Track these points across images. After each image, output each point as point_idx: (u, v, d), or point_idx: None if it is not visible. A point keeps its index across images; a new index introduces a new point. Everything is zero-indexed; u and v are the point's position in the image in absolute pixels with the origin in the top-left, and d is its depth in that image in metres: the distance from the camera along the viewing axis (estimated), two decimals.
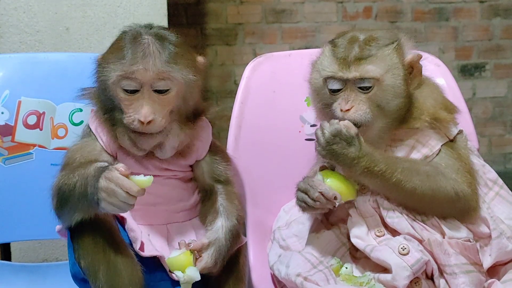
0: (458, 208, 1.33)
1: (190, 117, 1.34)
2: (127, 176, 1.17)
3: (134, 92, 1.26)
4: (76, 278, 1.30)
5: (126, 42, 1.28)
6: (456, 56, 3.66)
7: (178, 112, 1.30)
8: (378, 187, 1.32)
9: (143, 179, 1.18)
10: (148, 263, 1.28)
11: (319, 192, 1.28)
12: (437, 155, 1.36)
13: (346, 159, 1.27)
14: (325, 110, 1.38)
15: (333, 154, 1.27)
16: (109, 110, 1.31)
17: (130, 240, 1.28)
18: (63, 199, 1.25)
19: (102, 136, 1.33)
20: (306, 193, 1.31)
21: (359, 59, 1.30)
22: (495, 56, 3.70)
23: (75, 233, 1.27)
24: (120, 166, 1.18)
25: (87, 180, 1.20)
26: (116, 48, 1.29)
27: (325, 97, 1.38)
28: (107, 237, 1.25)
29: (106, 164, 1.23)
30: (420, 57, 1.36)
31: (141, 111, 1.24)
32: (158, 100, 1.26)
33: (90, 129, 1.36)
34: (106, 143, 1.33)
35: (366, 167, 1.28)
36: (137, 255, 1.27)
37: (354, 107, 1.31)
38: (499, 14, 3.68)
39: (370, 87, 1.30)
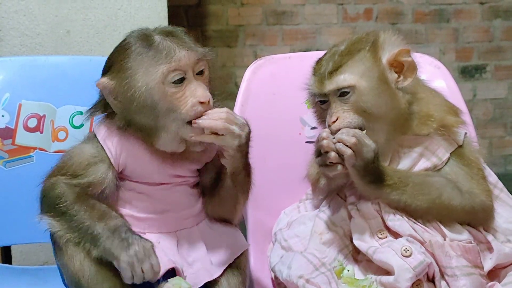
0: (479, 218, 1.35)
1: None
2: None
3: (181, 81, 1.25)
4: (67, 287, 1.31)
5: (142, 44, 1.26)
6: (457, 58, 3.66)
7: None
8: (393, 201, 1.33)
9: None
10: None
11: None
12: (446, 163, 1.37)
13: (375, 174, 1.30)
14: (320, 121, 1.43)
15: (367, 171, 1.29)
16: (150, 122, 1.27)
17: None
18: (59, 214, 1.26)
19: (111, 149, 1.30)
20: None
21: (331, 73, 1.34)
22: (496, 57, 3.70)
23: (56, 246, 1.29)
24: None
25: (108, 232, 1.23)
26: (137, 54, 1.26)
27: (320, 113, 1.42)
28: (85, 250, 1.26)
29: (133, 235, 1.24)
30: (404, 51, 1.35)
31: (198, 93, 1.25)
32: (201, 81, 1.28)
33: (99, 142, 1.32)
34: (115, 157, 1.30)
35: (386, 180, 1.30)
36: None
37: (339, 118, 1.33)
38: (499, 16, 3.69)
39: (348, 92, 1.33)
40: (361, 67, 1.33)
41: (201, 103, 1.25)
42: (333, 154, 1.28)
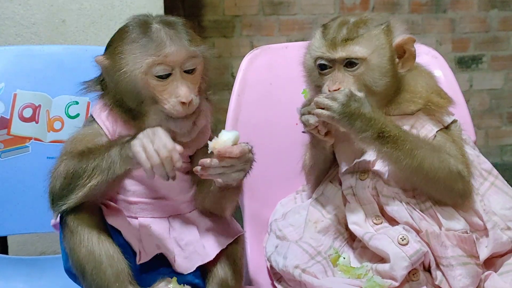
0: (458, 190, 1.33)
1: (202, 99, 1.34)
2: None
3: (166, 76, 1.26)
4: (69, 272, 1.31)
5: (140, 32, 1.27)
6: (453, 48, 3.65)
7: (199, 92, 1.32)
8: (389, 156, 1.30)
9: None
10: (151, 261, 1.30)
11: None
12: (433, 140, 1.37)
13: (363, 120, 1.27)
14: (317, 92, 1.40)
15: (350, 116, 1.27)
16: (132, 107, 1.28)
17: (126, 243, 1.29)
18: (77, 174, 1.23)
19: (107, 124, 1.32)
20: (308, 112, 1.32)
21: (346, 40, 1.34)
22: (492, 48, 3.70)
23: (65, 230, 1.28)
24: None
25: (114, 146, 1.21)
26: (132, 40, 1.27)
27: (316, 78, 1.41)
28: (93, 236, 1.26)
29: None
30: (412, 40, 1.38)
31: (180, 93, 1.25)
32: (189, 80, 1.28)
33: (95, 120, 1.33)
34: (111, 131, 1.32)
35: (380, 130, 1.28)
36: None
37: (341, 88, 1.33)
38: (496, 6, 3.68)
39: (356, 64, 1.34)
40: (376, 43, 1.35)
41: (183, 103, 1.25)
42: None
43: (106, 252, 1.25)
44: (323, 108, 1.28)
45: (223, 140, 1.22)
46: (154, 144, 1.16)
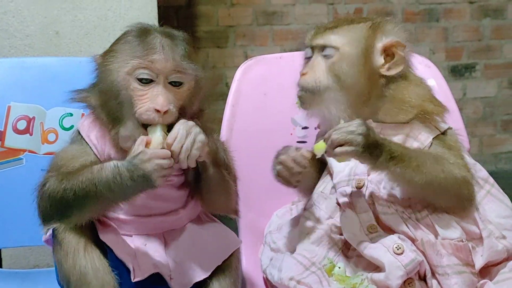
0: (465, 195, 1.33)
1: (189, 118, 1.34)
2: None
3: (148, 82, 1.26)
4: (61, 283, 1.31)
5: (136, 35, 1.29)
6: (447, 57, 3.67)
7: (184, 111, 1.30)
8: (401, 176, 1.29)
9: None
10: (146, 280, 1.29)
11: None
12: (429, 148, 1.37)
13: (378, 146, 1.25)
14: None
15: (372, 146, 1.25)
16: (112, 109, 1.28)
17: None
18: (66, 202, 1.22)
19: (95, 143, 1.31)
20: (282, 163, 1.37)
21: (326, 29, 1.40)
22: (485, 56, 3.72)
23: (55, 242, 1.28)
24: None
25: (113, 175, 1.20)
26: (126, 41, 1.29)
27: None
28: (80, 248, 1.25)
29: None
30: (399, 44, 1.38)
31: (157, 101, 1.24)
32: (172, 92, 1.27)
33: (81, 135, 1.33)
34: (100, 150, 1.31)
35: (391, 152, 1.27)
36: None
37: (310, 73, 1.37)
38: (488, 15, 3.70)
39: (331, 52, 1.37)
40: (353, 36, 1.37)
41: (157, 111, 1.24)
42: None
43: (92, 264, 1.24)
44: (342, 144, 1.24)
45: (157, 141, 1.22)
46: (156, 160, 1.19)
